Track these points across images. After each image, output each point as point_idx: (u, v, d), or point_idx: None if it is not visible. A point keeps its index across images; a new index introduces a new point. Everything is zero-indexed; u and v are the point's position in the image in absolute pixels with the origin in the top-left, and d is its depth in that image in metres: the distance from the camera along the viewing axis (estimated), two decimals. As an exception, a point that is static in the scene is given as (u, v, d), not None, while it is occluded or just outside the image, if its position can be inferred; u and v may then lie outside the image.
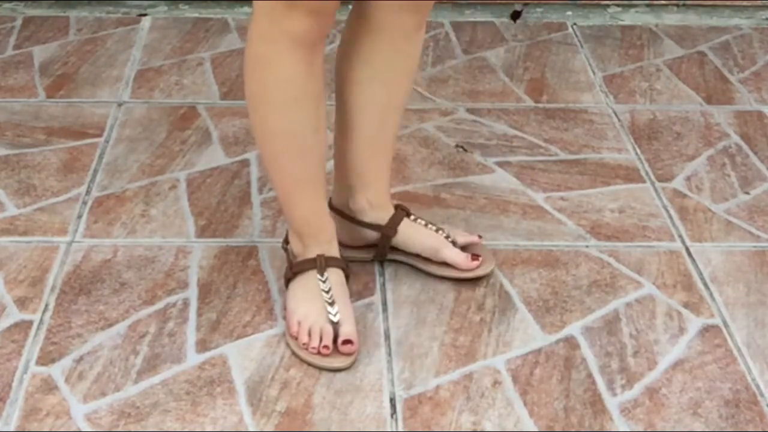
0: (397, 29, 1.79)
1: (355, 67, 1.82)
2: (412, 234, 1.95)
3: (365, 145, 1.87)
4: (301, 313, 1.78)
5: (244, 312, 1.88)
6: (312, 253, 1.81)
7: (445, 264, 1.95)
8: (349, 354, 1.75)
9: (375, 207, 1.93)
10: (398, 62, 1.82)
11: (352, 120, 1.85)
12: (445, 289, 1.94)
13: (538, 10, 3.08)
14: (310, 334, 1.76)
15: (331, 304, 1.77)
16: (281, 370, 1.75)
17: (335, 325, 1.76)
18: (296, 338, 1.77)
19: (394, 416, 1.68)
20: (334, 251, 1.83)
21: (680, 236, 2.11)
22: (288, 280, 1.84)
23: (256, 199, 2.19)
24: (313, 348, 1.75)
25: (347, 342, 1.75)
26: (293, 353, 1.78)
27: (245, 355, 1.78)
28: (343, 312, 1.77)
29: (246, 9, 3.02)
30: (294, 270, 1.82)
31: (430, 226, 1.97)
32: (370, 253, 1.98)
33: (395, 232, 1.94)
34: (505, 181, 2.27)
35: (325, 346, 1.74)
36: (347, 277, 1.84)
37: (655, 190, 2.26)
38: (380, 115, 1.86)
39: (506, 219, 2.15)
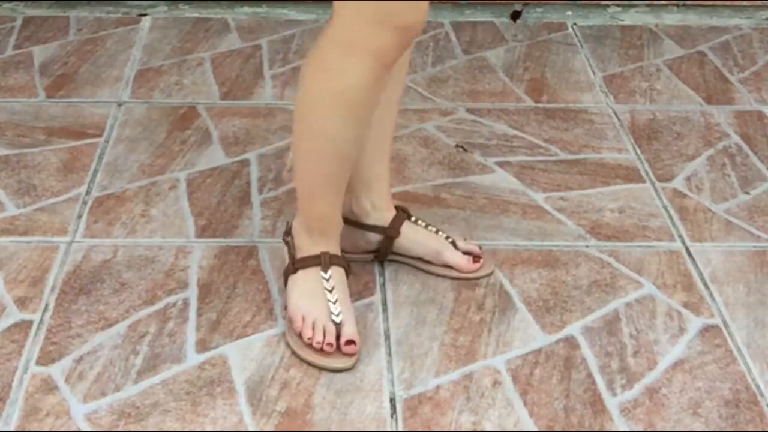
0: None
1: None
2: (414, 237, 1.95)
3: (367, 145, 1.87)
4: (305, 308, 1.77)
5: (244, 312, 1.88)
6: (318, 249, 1.80)
7: (447, 266, 1.95)
8: (351, 354, 1.75)
9: (378, 209, 1.93)
10: None
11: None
12: (445, 289, 1.94)
13: (538, 10, 3.08)
14: (314, 329, 1.75)
15: (334, 303, 1.77)
16: (281, 370, 1.75)
17: (337, 325, 1.76)
18: (299, 334, 1.77)
19: (394, 416, 1.67)
20: (338, 250, 1.83)
21: (680, 236, 2.11)
22: (288, 275, 1.83)
23: (256, 199, 2.19)
24: (318, 342, 1.74)
25: (350, 342, 1.75)
26: (293, 353, 1.78)
27: (245, 355, 1.78)
28: (345, 312, 1.77)
29: (246, 9, 3.02)
30: (297, 265, 1.81)
31: (430, 227, 1.97)
32: (371, 254, 1.98)
33: (398, 233, 1.94)
34: (505, 181, 2.27)
35: (329, 344, 1.74)
36: (348, 277, 1.84)
37: (655, 190, 2.26)
38: (380, 113, 1.86)
39: (506, 219, 2.15)
